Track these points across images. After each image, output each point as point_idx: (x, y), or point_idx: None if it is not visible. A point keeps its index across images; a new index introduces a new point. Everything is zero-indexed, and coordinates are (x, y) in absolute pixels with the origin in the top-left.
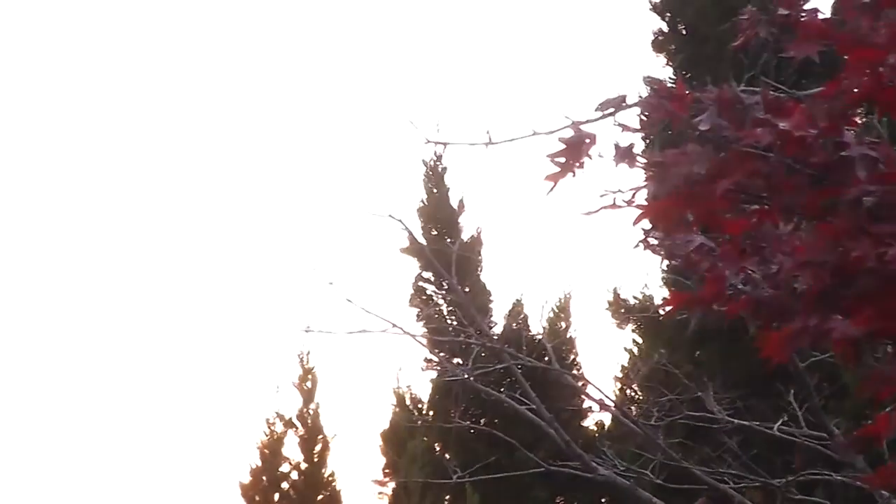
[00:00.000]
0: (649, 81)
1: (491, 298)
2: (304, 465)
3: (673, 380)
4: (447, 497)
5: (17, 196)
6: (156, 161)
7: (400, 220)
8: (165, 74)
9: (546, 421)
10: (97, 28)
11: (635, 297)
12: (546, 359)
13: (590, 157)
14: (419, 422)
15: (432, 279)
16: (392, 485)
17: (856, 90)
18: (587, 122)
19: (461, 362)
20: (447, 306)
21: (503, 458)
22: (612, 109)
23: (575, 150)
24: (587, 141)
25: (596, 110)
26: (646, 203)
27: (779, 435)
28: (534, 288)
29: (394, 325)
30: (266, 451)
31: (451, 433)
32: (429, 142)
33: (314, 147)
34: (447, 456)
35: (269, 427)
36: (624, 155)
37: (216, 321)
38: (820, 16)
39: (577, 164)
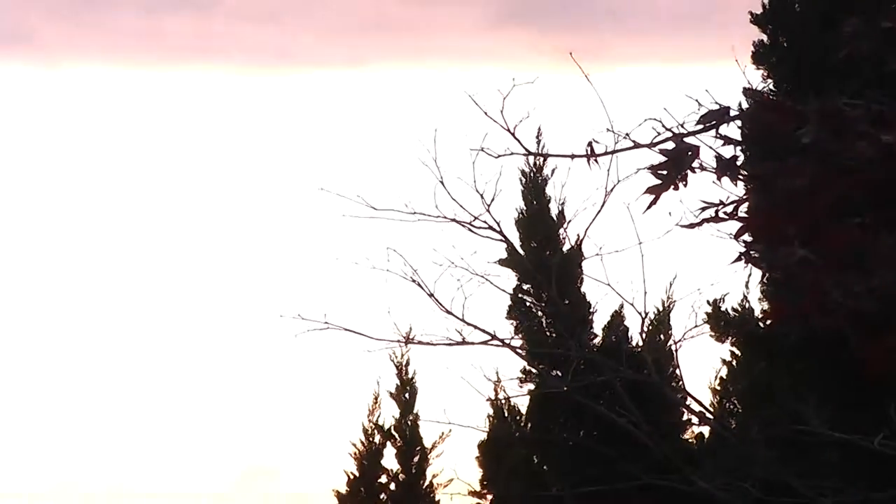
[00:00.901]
0: (751, 94)
1: (591, 310)
2: (402, 477)
3: (772, 393)
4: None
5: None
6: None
7: (500, 232)
8: None
9: (645, 434)
10: None
11: (734, 310)
12: (645, 371)
13: (692, 170)
14: (517, 433)
15: (531, 291)
16: (490, 497)
17: None
18: (689, 134)
19: (560, 374)
20: (546, 318)
21: (602, 470)
22: (714, 122)
23: (678, 162)
24: (690, 153)
25: (698, 123)
26: (747, 216)
27: (880, 449)
28: (634, 300)
29: (493, 337)
30: (364, 461)
31: (550, 445)
32: (529, 153)
33: (412, 156)
34: (545, 468)
35: (366, 437)
36: (726, 167)
37: (313, 328)
38: None
39: (680, 177)
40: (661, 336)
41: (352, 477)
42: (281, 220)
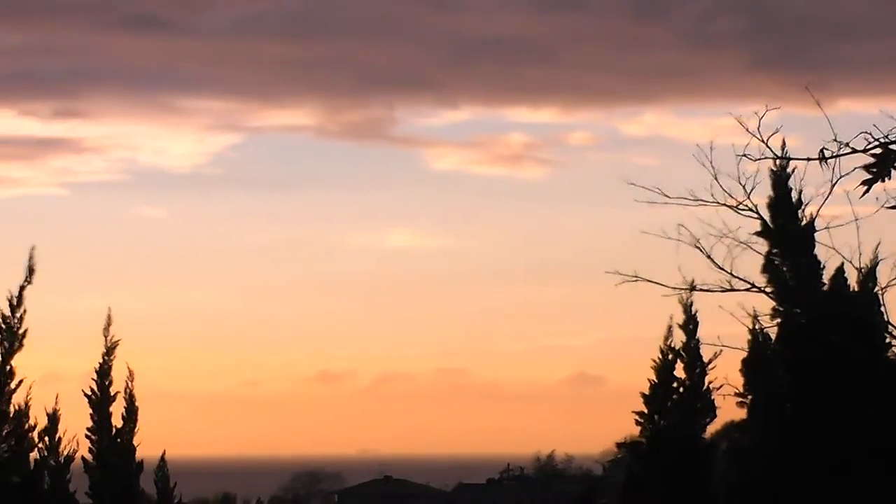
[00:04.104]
0: None
1: (821, 266)
2: (687, 383)
3: None
4: (788, 405)
5: None
6: None
7: (757, 213)
8: None
9: (862, 351)
10: None
11: None
12: (860, 308)
13: (895, 167)
14: (769, 353)
15: (779, 253)
16: (750, 397)
17: None
18: (892, 142)
19: (800, 311)
20: (790, 272)
21: (831, 379)
22: None
23: (884, 162)
24: (893, 156)
25: None
26: None
27: None
28: (851, 259)
29: (752, 286)
30: (660, 372)
31: (794, 361)
32: (777, 157)
33: (695, 161)
34: (790, 377)
35: (662, 356)
36: None
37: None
38: None
39: (886, 173)
40: (871, 284)
41: (652, 383)
42: (603, 204)
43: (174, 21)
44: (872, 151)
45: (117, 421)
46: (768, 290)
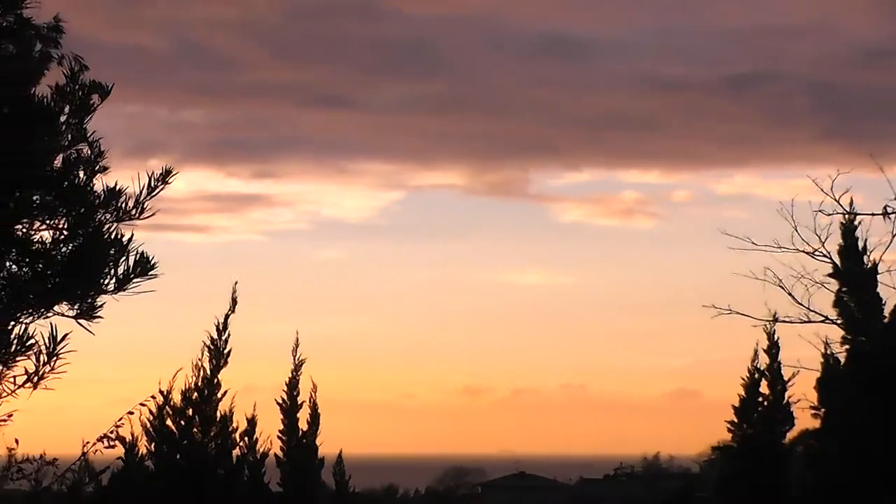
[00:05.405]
0: None
1: (882, 302)
2: (770, 398)
3: None
4: (855, 418)
5: None
6: None
7: (830, 258)
8: None
9: None
10: None
11: None
12: None
13: None
14: (839, 374)
15: (848, 291)
16: (823, 410)
17: None
18: None
19: (864, 339)
20: (857, 307)
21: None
22: None
23: None
24: None
25: None
26: None
27: None
28: None
29: (826, 318)
30: (748, 389)
31: (861, 380)
32: (847, 213)
33: (777, 215)
34: (857, 393)
35: (749, 375)
36: None
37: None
38: None
39: None
40: None
41: (740, 397)
42: (701, 250)
43: (351, 100)
44: None
45: (303, 425)
46: (839, 321)
